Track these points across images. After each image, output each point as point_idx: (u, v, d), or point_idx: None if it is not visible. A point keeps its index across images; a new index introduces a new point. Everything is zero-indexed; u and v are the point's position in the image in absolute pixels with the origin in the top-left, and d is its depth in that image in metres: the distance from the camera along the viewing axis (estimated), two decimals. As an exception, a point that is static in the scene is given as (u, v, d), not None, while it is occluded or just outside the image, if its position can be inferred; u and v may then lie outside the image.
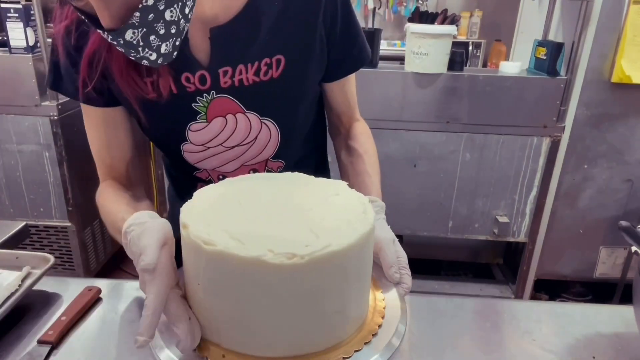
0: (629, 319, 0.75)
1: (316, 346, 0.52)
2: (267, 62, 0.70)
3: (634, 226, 0.68)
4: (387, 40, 3.76)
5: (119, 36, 0.51)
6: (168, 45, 0.55)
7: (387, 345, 0.54)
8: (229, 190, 0.60)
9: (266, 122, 0.76)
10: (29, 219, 2.03)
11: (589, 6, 1.74)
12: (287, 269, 0.46)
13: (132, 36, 0.51)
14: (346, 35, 0.75)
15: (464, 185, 2.00)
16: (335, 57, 0.76)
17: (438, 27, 1.80)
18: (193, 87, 0.71)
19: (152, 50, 0.54)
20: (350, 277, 0.51)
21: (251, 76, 0.71)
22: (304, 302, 0.49)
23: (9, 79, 1.84)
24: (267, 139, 0.78)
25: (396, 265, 0.64)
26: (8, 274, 0.78)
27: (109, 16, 0.50)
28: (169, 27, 0.54)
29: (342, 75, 0.80)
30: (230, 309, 0.51)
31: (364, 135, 0.85)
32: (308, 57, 0.73)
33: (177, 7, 0.53)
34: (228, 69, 0.70)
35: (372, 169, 0.80)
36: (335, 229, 0.50)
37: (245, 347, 0.52)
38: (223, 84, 0.71)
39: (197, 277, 0.52)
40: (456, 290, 2.28)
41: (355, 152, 0.83)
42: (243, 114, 0.74)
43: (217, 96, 0.72)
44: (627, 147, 1.88)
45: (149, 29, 0.52)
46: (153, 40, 0.53)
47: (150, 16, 0.51)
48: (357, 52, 0.78)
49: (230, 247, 0.47)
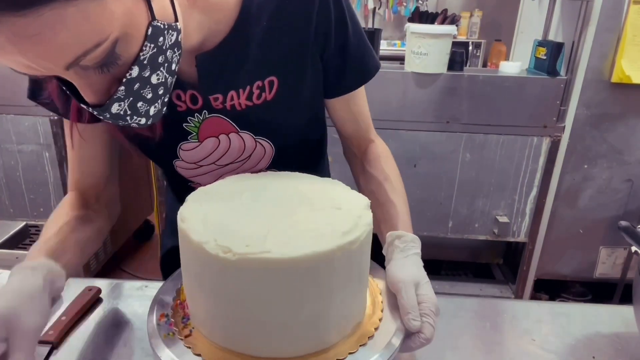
0: (629, 319, 0.75)
1: (307, 348, 0.52)
2: (259, 85, 0.67)
3: (634, 226, 0.68)
4: (387, 40, 3.76)
5: (105, 111, 0.49)
6: (157, 106, 0.54)
7: (387, 345, 0.54)
8: (227, 188, 0.61)
9: (260, 141, 0.73)
10: (29, 219, 2.02)
11: (589, 6, 1.74)
12: (261, 269, 0.46)
13: (118, 109, 0.49)
14: (342, 50, 0.69)
15: (464, 185, 2.00)
16: (333, 73, 0.71)
17: (438, 27, 1.80)
18: (184, 106, 0.67)
19: (141, 115, 0.52)
20: (334, 281, 0.50)
21: (244, 101, 0.67)
22: (286, 303, 0.49)
23: (9, 79, 1.84)
24: (262, 155, 0.75)
25: (415, 312, 0.56)
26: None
27: (91, 92, 0.47)
28: (157, 89, 0.52)
29: (343, 92, 0.74)
30: (216, 308, 0.52)
31: (382, 159, 0.77)
32: (302, 76, 0.68)
33: (163, 69, 0.51)
34: (218, 95, 0.67)
35: (396, 197, 0.72)
36: (322, 233, 0.50)
37: (239, 347, 0.52)
38: (215, 106, 0.68)
39: (186, 272, 0.54)
40: (456, 290, 2.28)
41: (375, 180, 0.75)
42: (236, 133, 0.71)
43: (209, 116, 0.69)
44: (627, 147, 1.88)
45: (135, 97, 0.50)
46: (141, 106, 0.51)
47: (136, 86, 0.49)
48: (357, 67, 0.73)
49: (210, 243, 0.48)
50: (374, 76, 0.75)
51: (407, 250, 0.63)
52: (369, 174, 0.77)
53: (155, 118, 0.55)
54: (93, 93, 0.47)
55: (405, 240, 0.64)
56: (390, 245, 0.65)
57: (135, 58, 0.47)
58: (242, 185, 0.62)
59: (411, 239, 0.64)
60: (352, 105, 0.77)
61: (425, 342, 0.56)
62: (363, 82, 0.75)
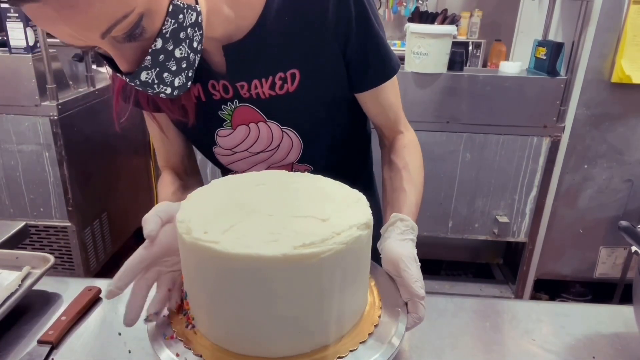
0: (629, 319, 0.75)
1: (307, 346, 0.52)
2: (282, 77, 0.71)
3: (634, 226, 0.68)
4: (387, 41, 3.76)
5: (135, 78, 0.56)
6: (181, 78, 0.60)
7: (387, 345, 0.54)
8: (227, 188, 0.61)
9: (287, 131, 0.77)
10: (29, 219, 2.03)
11: (589, 6, 1.74)
12: (259, 266, 0.47)
13: (146, 77, 0.57)
14: (363, 48, 0.72)
15: (464, 185, 2.00)
16: (356, 70, 0.74)
17: (438, 27, 1.80)
18: (218, 95, 0.75)
19: (167, 85, 0.59)
20: (331, 280, 0.50)
21: (267, 90, 0.73)
22: (284, 302, 0.49)
23: (9, 79, 1.84)
24: (290, 147, 0.79)
25: (421, 281, 0.59)
26: (8, 274, 0.78)
27: (124, 61, 0.55)
28: (180, 63, 0.59)
29: (369, 87, 0.76)
30: (214, 307, 0.52)
31: (407, 149, 0.80)
32: (323, 70, 0.72)
33: (185, 45, 0.58)
34: (244, 83, 0.72)
35: (409, 185, 0.74)
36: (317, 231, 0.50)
37: (238, 347, 0.52)
38: (243, 94, 0.74)
39: (185, 270, 0.54)
40: (456, 290, 2.28)
41: (395, 167, 0.78)
42: (265, 122, 0.76)
43: (239, 105, 0.75)
44: (627, 147, 1.88)
45: (161, 68, 0.57)
46: (166, 76, 0.58)
47: (161, 57, 0.56)
48: (380, 64, 0.75)
49: (207, 240, 0.48)
50: (396, 73, 0.78)
51: (406, 234, 0.65)
52: (392, 161, 0.80)
53: (181, 90, 0.61)
54: (125, 62, 0.55)
55: (407, 225, 0.66)
56: (391, 225, 0.67)
57: (159, 31, 0.54)
58: (242, 184, 0.62)
59: (412, 225, 0.67)
60: (381, 99, 0.79)
61: (418, 321, 0.59)
62: (386, 78, 0.77)
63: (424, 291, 0.58)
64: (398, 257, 0.61)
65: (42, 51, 1.81)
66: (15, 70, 1.84)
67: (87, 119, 2.05)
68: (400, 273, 0.60)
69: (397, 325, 0.56)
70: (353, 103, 0.80)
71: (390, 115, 0.81)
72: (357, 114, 0.82)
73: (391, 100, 0.80)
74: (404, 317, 0.58)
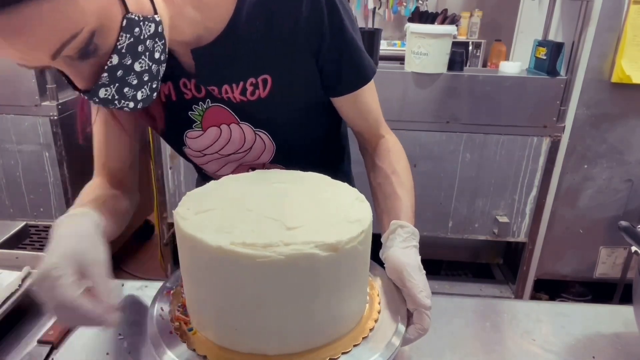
0: (629, 319, 0.75)
1: (306, 344, 0.52)
2: (253, 82, 0.69)
3: (633, 226, 0.68)
4: (387, 40, 3.76)
5: (94, 96, 0.54)
6: (144, 91, 0.58)
7: (387, 345, 0.54)
8: (224, 186, 0.61)
9: (260, 134, 0.76)
10: (29, 219, 2.03)
11: (589, 6, 1.74)
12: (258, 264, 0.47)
13: (105, 93, 0.55)
14: (336, 55, 0.70)
15: (464, 185, 2.00)
16: (329, 76, 0.72)
17: (438, 27, 1.80)
18: (190, 94, 0.72)
19: (129, 100, 0.57)
20: (330, 280, 0.50)
21: (237, 95, 0.71)
22: (281, 300, 0.49)
23: (9, 79, 1.84)
24: (262, 149, 0.78)
25: (427, 289, 0.57)
26: (8, 274, 0.78)
27: (80, 79, 0.53)
28: (142, 76, 0.57)
29: (343, 92, 0.75)
30: (212, 302, 0.52)
31: (392, 153, 0.78)
32: (296, 75, 0.70)
33: (145, 57, 0.55)
34: (214, 87, 0.70)
35: (402, 190, 0.73)
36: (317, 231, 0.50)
37: (237, 345, 0.52)
38: (215, 95, 0.72)
39: (184, 269, 0.54)
40: (456, 290, 2.28)
41: (383, 173, 0.77)
42: (237, 124, 0.74)
43: (211, 105, 0.73)
44: (627, 147, 1.88)
45: (121, 83, 0.55)
46: (127, 91, 0.56)
47: (119, 72, 0.54)
48: (353, 70, 0.73)
49: (208, 237, 0.48)
50: (371, 79, 0.76)
51: (409, 241, 0.64)
52: (377, 167, 0.78)
53: (145, 102, 0.59)
54: (82, 79, 0.53)
55: (408, 231, 0.65)
56: (392, 232, 0.66)
57: (114, 47, 0.52)
58: (241, 184, 0.62)
59: (412, 231, 0.66)
60: (359, 103, 0.77)
61: (423, 332, 0.57)
62: (360, 85, 0.75)
63: (430, 301, 0.57)
64: (402, 267, 0.59)
65: (42, 51, 1.81)
66: (15, 70, 1.83)
67: (87, 119, 2.05)
68: (404, 283, 0.59)
69: (397, 326, 0.56)
70: (328, 105, 0.78)
71: (370, 120, 0.80)
72: (332, 116, 0.81)
73: (370, 105, 0.78)
74: (404, 320, 0.58)
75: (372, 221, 0.55)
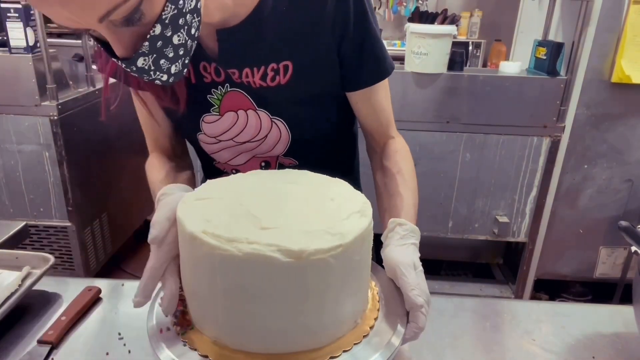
0: (629, 319, 0.75)
1: (305, 345, 0.52)
2: (274, 68, 0.71)
3: (633, 226, 0.68)
4: (387, 40, 3.76)
5: (132, 64, 0.55)
6: (178, 66, 0.59)
7: (387, 345, 0.54)
8: (229, 184, 0.61)
9: (276, 122, 0.76)
10: (29, 219, 2.03)
11: (589, 6, 1.74)
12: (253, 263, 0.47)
13: (143, 63, 0.55)
14: (359, 47, 0.72)
15: (464, 185, 2.00)
16: (349, 67, 0.74)
17: (438, 27, 1.80)
18: (209, 78, 0.73)
19: (163, 72, 0.58)
20: (330, 280, 0.50)
21: (258, 80, 0.72)
22: (287, 300, 0.49)
23: (9, 79, 1.84)
24: (277, 138, 0.78)
25: (419, 288, 0.57)
26: (8, 274, 0.78)
27: (121, 46, 0.53)
28: (177, 50, 0.57)
29: (361, 86, 0.76)
30: (212, 304, 0.52)
31: (399, 154, 0.79)
32: (317, 65, 0.72)
33: (183, 31, 0.56)
34: (235, 70, 0.71)
35: (405, 190, 0.73)
36: (317, 231, 0.50)
37: (236, 344, 0.52)
38: (235, 79, 0.73)
39: (185, 266, 0.55)
40: (456, 290, 2.28)
41: (389, 173, 0.77)
42: (254, 110, 0.75)
43: (230, 89, 0.74)
44: (627, 147, 1.88)
45: (158, 54, 0.55)
46: (163, 63, 0.57)
47: (159, 43, 0.54)
48: (374, 63, 0.74)
49: (188, 222, 0.49)
50: (389, 74, 0.77)
51: (407, 238, 0.64)
52: (384, 167, 0.79)
53: (176, 77, 0.60)
54: (122, 47, 0.53)
55: (406, 229, 0.65)
56: (391, 231, 0.66)
57: (158, 17, 0.53)
58: (247, 181, 0.62)
59: (412, 229, 0.65)
60: (373, 100, 0.78)
61: (418, 331, 0.57)
62: (379, 79, 0.76)
63: (422, 299, 0.56)
64: (395, 265, 0.59)
65: (42, 51, 1.81)
66: (15, 70, 1.84)
67: (87, 119, 2.05)
68: (398, 282, 0.59)
69: (397, 326, 0.56)
70: (343, 101, 0.79)
71: (382, 119, 0.80)
72: (346, 113, 0.82)
73: (383, 104, 0.79)
74: (402, 321, 0.57)
75: (362, 235, 0.52)
